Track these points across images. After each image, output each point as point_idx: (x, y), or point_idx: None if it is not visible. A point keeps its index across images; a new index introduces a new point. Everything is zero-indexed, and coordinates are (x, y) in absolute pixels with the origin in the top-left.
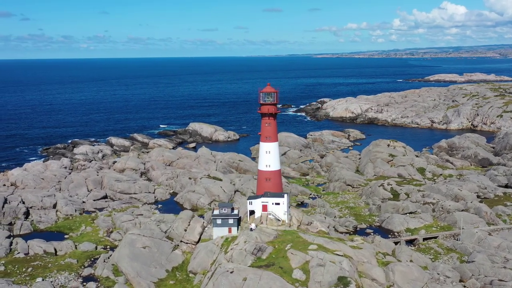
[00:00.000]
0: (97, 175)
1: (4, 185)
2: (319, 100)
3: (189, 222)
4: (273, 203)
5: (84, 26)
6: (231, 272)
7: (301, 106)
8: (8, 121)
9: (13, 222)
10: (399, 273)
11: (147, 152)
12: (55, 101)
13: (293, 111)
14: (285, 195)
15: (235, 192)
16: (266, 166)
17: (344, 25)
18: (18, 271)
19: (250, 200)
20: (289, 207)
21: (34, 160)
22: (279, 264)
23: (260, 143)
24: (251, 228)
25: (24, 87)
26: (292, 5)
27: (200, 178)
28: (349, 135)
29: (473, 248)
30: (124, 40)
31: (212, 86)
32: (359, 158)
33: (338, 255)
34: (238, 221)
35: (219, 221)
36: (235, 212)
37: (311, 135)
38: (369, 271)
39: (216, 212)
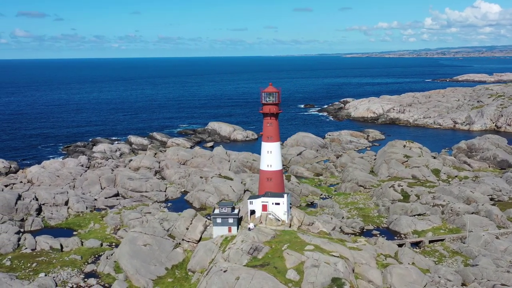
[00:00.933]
0: (111, 173)
1: (21, 182)
2: (342, 100)
3: (191, 221)
4: (273, 203)
5: (116, 26)
6: (225, 271)
7: (324, 106)
8: (35, 120)
9: (25, 218)
10: (397, 275)
11: (165, 151)
12: (82, 100)
13: (315, 111)
14: (285, 195)
15: (244, 191)
16: (268, 166)
17: (375, 24)
18: (23, 266)
19: (251, 200)
20: (290, 207)
21: (54, 158)
22: (274, 264)
23: (262, 143)
24: (249, 228)
25: (55, 85)
26: (323, 4)
27: (211, 177)
28: (368, 136)
29: (479, 252)
30: (154, 40)
31: (238, 86)
32: (375, 159)
33: (334, 256)
34: (238, 220)
35: (219, 220)
36: (235, 211)
37: (329, 135)
38: (365, 272)
39: (216, 211)
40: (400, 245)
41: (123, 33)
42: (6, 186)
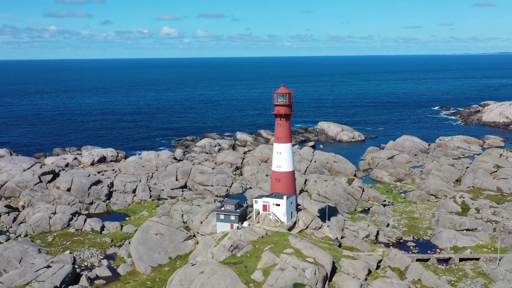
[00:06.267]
0: (190, 166)
1: (113, 169)
2: (482, 102)
3: (208, 216)
4: (273, 204)
5: (288, 25)
6: (193, 265)
7: (460, 109)
8: (173, 114)
9: (93, 202)
10: None
11: None
12: (222, 97)
13: (446, 114)
14: (285, 197)
15: (301, 191)
16: (277, 166)
17: None
18: (59, 243)
19: (256, 199)
20: (294, 209)
21: (163, 149)
22: (247, 263)
23: (273, 143)
24: (237, 227)
25: (211, 83)
26: None
27: None
28: (484, 142)
29: (504, 276)
30: (325, 39)
31: (389, 86)
32: (467, 167)
33: (308, 261)
34: (241, 218)
35: (221, 217)
36: (239, 209)
37: (440, 139)
38: (343, 282)
39: (223, 208)
40: (425, 260)
41: (295, 32)
42: (98, 172)
